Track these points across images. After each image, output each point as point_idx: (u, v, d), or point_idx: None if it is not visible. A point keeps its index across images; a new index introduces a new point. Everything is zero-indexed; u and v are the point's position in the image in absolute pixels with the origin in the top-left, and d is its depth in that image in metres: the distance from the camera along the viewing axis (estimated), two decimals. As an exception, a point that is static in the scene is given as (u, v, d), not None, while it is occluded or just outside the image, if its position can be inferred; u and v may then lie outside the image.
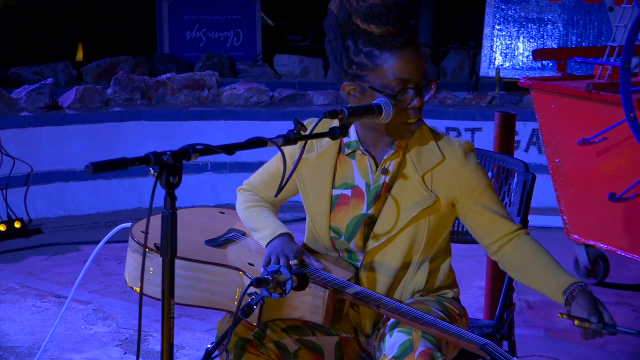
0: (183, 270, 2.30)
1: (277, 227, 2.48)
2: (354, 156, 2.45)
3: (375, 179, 2.43)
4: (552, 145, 4.68)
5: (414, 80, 2.31)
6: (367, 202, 2.43)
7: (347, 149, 2.46)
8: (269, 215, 2.55)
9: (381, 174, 2.42)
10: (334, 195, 2.46)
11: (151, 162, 1.84)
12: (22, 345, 3.88)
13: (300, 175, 2.48)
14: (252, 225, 2.54)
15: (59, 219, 5.88)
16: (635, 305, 4.48)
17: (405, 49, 2.30)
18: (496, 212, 2.42)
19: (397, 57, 2.29)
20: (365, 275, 2.42)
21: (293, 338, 2.41)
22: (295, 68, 8.17)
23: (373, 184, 2.43)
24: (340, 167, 2.46)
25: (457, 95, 6.77)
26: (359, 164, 2.45)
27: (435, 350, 2.21)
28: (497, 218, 2.42)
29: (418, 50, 2.33)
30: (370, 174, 2.43)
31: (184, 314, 4.18)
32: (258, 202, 2.60)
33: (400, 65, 2.29)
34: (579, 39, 7.38)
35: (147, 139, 6.20)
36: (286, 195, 2.57)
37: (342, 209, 2.45)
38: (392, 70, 2.29)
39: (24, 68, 7.38)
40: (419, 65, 2.32)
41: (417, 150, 2.40)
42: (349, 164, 2.46)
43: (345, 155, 2.46)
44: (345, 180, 2.45)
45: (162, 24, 8.74)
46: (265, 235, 2.47)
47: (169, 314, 1.90)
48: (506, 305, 2.73)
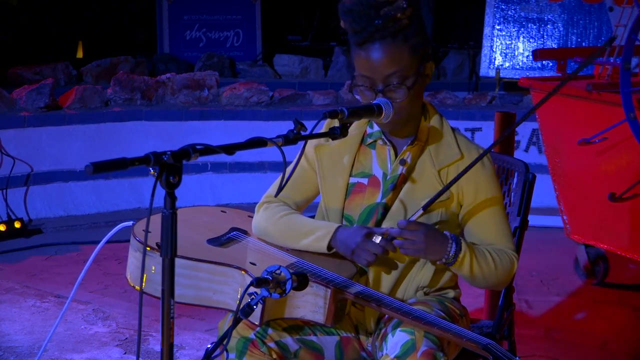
0: (185, 269, 2.30)
1: (326, 225, 2.45)
2: (375, 146, 2.49)
3: (393, 169, 2.45)
4: (552, 145, 4.68)
5: (376, 78, 2.35)
6: (383, 191, 2.45)
7: (369, 138, 2.50)
8: (308, 219, 2.51)
9: (399, 164, 2.44)
10: (350, 183, 2.48)
11: (151, 162, 1.84)
12: (22, 345, 3.88)
13: (320, 159, 2.50)
14: (297, 232, 2.46)
15: (59, 219, 5.88)
16: (635, 306, 4.48)
17: (368, 46, 2.35)
18: (499, 226, 2.47)
19: (360, 54, 2.37)
20: (372, 269, 2.42)
21: (294, 337, 2.41)
22: (295, 68, 8.16)
23: (390, 174, 2.45)
24: (360, 156, 2.50)
25: (457, 95, 6.77)
26: (378, 153, 2.48)
27: (438, 350, 2.22)
28: (498, 232, 2.46)
29: (382, 49, 2.33)
30: (389, 164, 2.46)
31: (184, 314, 4.18)
32: (289, 211, 2.53)
33: (361, 62, 2.38)
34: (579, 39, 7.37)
35: (147, 139, 6.20)
36: (310, 195, 2.58)
37: (356, 197, 2.47)
38: (357, 65, 2.40)
39: (24, 68, 7.37)
40: (381, 65, 2.34)
41: (436, 146, 2.44)
42: (369, 153, 2.49)
43: (365, 146, 2.50)
44: (363, 169, 2.49)
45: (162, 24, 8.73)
46: (320, 236, 2.43)
47: (169, 314, 1.91)
48: (506, 305, 2.73)
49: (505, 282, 2.48)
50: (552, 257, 5.15)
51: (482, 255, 2.40)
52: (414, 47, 2.36)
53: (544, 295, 4.62)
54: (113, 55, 7.75)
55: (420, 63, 2.39)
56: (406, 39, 2.35)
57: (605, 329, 4.18)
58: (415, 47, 2.37)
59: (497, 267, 2.42)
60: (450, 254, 2.34)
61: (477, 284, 2.46)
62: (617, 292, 4.65)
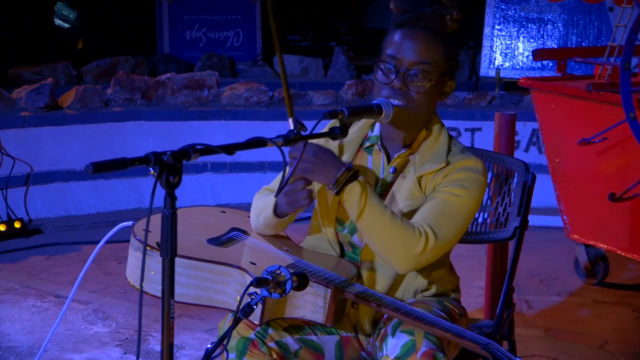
0: (185, 268, 2.30)
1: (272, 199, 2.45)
2: (371, 151, 2.49)
3: (384, 176, 2.46)
4: (552, 145, 4.68)
5: (404, 61, 2.34)
6: None
7: (368, 142, 2.49)
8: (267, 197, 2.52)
9: (390, 172, 2.44)
10: None
11: (151, 162, 1.84)
12: (22, 345, 3.88)
13: None
14: (259, 209, 2.49)
15: (59, 219, 5.88)
16: (635, 305, 4.48)
17: (405, 29, 2.36)
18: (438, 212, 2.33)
19: (393, 34, 2.38)
20: (365, 274, 2.42)
21: (294, 337, 2.41)
22: (295, 68, 8.16)
23: (381, 181, 2.45)
24: (356, 160, 2.49)
25: (457, 95, 6.77)
26: (374, 159, 2.48)
27: (438, 350, 2.22)
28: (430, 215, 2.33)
29: (420, 37, 2.34)
30: (381, 171, 2.46)
31: (184, 314, 4.18)
32: (262, 194, 2.57)
33: (395, 43, 2.37)
34: (579, 39, 7.37)
35: (147, 139, 6.20)
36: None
37: None
38: (387, 45, 2.39)
39: (24, 68, 7.37)
40: (414, 50, 2.34)
41: (424, 154, 2.42)
42: (365, 158, 2.49)
43: (363, 149, 2.50)
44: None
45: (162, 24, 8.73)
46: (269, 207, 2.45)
47: (169, 314, 1.91)
48: (506, 305, 2.73)
49: (404, 252, 2.27)
50: (552, 257, 5.14)
51: (379, 205, 2.28)
52: (448, 54, 2.38)
53: (544, 295, 4.62)
54: (113, 55, 7.75)
55: (445, 73, 2.39)
56: (445, 42, 2.37)
57: (605, 329, 4.18)
58: (448, 56, 2.38)
59: (392, 228, 2.26)
60: (337, 177, 2.26)
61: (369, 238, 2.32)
62: (617, 292, 4.65)
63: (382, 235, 2.28)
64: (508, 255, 3.56)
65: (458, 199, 2.35)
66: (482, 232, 2.86)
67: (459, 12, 2.37)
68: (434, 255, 2.32)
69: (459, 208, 2.35)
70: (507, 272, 2.78)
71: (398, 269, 2.34)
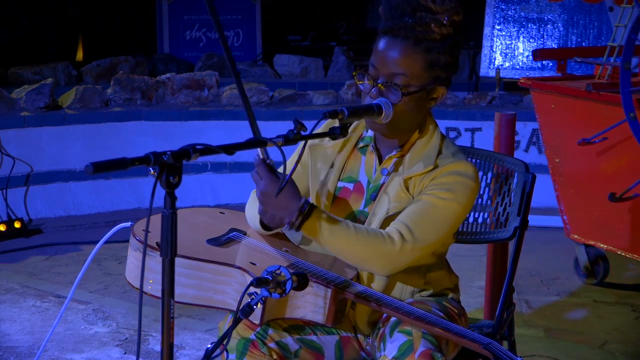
0: (185, 269, 2.30)
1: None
2: (365, 151, 2.48)
3: (376, 178, 2.44)
4: (552, 145, 4.68)
5: (381, 71, 2.33)
6: (366, 199, 2.45)
7: (362, 142, 2.49)
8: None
9: (381, 174, 2.43)
10: (337, 186, 2.48)
11: (151, 162, 1.84)
12: (22, 345, 3.88)
13: (313, 159, 2.50)
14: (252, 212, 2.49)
15: (59, 219, 5.88)
16: (635, 305, 4.48)
17: (387, 37, 2.34)
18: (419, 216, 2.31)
19: (378, 41, 2.37)
20: (363, 274, 2.42)
21: (294, 337, 2.41)
22: (295, 68, 8.16)
23: (373, 183, 2.44)
24: (350, 160, 2.49)
25: (457, 95, 6.77)
26: (367, 160, 2.47)
27: (436, 350, 2.21)
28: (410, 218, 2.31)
29: (398, 47, 2.31)
30: (373, 172, 2.45)
31: (184, 314, 4.18)
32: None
33: (375, 50, 2.37)
34: (579, 39, 7.38)
35: (147, 139, 6.21)
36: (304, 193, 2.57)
37: (342, 202, 2.47)
38: (373, 50, 2.39)
39: (24, 68, 7.37)
40: (391, 61, 2.31)
41: (414, 156, 2.40)
42: (359, 158, 2.48)
43: (357, 150, 2.49)
44: (351, 174, 2.48)
45: (162, 24, 8.74)
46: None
47: (169, 314, 1.90)
48: (506, 305, 2.73)
49: (377, 259, 2.28)
50: (552, 257, 5.14)
51: (341, 228, 2.27)
52: (432, 63, 2.33)
53: (544, 295, 4.62)
54: (113, 55, 7.75)
55: (431, 81, 2.35)
56: (428, 51, 2.31)
57: (605, 329, 4.18)
58: (434, 63, 2.33)
59: (359, 241, 2.27)
60: (291, 222, 2.25)
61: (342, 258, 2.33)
62: (617, 292, 4.65)
63: (352, 251, 2.30)
64: (508, 255, 3.56)
65: (442, 202, 2.33)
66: (482, 232, 2.86)
67: (453, 16, 2.31)
68: (414, 256, 2.32)
69: (442, 211, 2.33)
70: (507, 272, 2.78)
71: (378, 274, 2.36)
